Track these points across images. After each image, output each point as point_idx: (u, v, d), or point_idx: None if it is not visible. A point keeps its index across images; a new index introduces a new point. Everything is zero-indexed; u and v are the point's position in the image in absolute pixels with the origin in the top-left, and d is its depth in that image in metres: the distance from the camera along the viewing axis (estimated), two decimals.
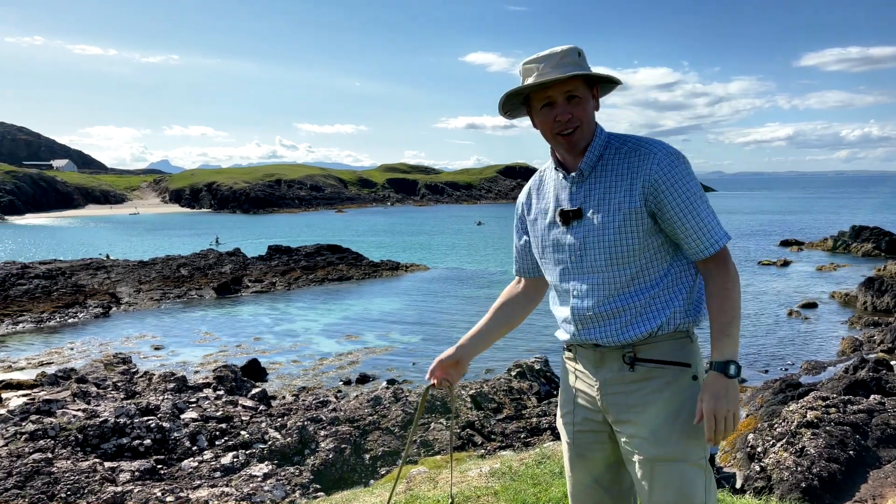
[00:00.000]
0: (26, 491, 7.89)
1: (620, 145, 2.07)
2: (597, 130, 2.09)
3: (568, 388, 2.27)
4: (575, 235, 2.08)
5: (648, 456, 1.99)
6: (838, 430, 7.57)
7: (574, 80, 2.02)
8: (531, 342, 20.67)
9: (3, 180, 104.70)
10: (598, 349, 2.09)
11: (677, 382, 2.01)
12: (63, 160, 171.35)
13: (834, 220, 72.19)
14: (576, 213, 2.08)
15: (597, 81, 2.10)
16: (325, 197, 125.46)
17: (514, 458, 4.97)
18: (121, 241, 59.77)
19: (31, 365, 18.46)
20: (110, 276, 31.55)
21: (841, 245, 41.33)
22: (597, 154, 2.07)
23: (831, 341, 19.86)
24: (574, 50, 2.04)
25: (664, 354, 2.02)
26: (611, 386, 2.07)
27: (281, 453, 9.65)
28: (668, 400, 1.99)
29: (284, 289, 31.73)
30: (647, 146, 2.03)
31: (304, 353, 20.25)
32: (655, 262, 2.04)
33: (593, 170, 2.07)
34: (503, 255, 45.00)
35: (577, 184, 2.10)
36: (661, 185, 1.97)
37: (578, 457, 2.22)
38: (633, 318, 2.02)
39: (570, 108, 2.02)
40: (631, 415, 2.03)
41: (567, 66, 2.01)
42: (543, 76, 2.00)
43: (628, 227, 2.00)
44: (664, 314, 2.02)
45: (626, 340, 2.02)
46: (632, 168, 2.01)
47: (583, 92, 2.04)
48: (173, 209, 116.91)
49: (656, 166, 1.98)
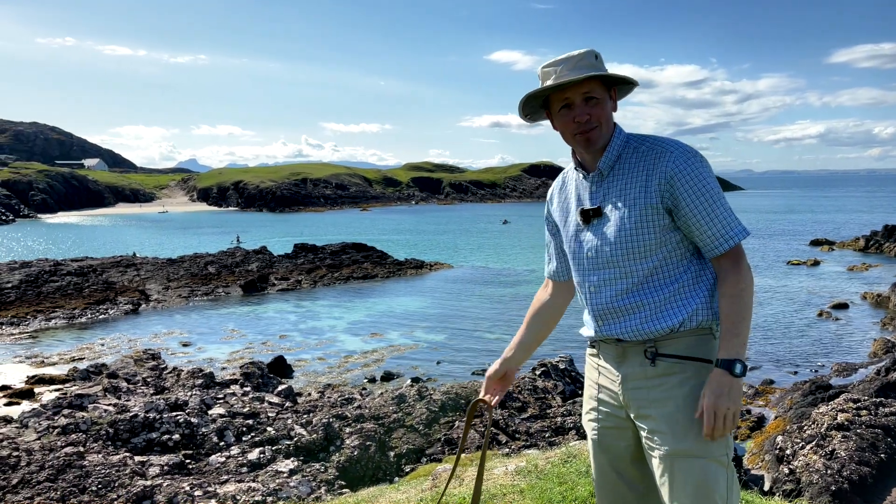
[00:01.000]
0: (58, 484, 8.05)
1: (638, 145, 2.13)
2: (615, 130, 2.15)
3: (591, 385, 2.30)
4: (595, 233, 2.14)
5: (669, 451, 2.01)
6: (869, 433, 7.44)
7: (591, 81, 2.08)
8: (555, 342, 20.59)
9: (36, 179, 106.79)
10: (620, 344, 2.13)
11: (699, 378, 2.02)
12: (94, 159, 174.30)
13: (866, 219, 70.84)
14: (595, 211, 2.14)
15: (614, 83, 2.16)
16: (350, 196, 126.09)
17: (539, 457, 4.96)
18: (148, 240, 60.67)
19: (63, 360, 18.83)
20: (140, 273, 32.05)
21: (873, 245, 40.55)
22: (615, 153, 2.13)
23: (863, 343, 19.51)
24: (591, 53, 2.10)
25: (686, 350, 2.05)
26: (633, 381, 2.10)
27: (306, 450, 9.73)
28: (690, 395, 2.01)
29: (310, 287, 31.97)
30: (664, 145, 2.09)
31: (329, 350, 20.39)
32: (674, 259, 2.08)
33: (612, 169, 2.14)
34: (529, 254, 44.86)
35: (597, 183, 2.16)
36: (676, 181, 2.02)
37: (602, 453, 2.25)
38: (654, 313, 2.06)
39: (588, 109, 2.09)
40: (652, 409, 2.05)
41: (584, 69, 2.06)
42: (561, 78, 2.07)
43: (645, 222, 2.04)
44: (686, 310, 2.05)
45: (648, 335, 2.06)
46: (648, 166, 2.07)
47: (600, 93, 2.10)
48: (201, 207, 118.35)
49: (672, 163, 2.03)
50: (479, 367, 17.92)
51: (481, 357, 19.11)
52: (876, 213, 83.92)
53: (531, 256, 43.87)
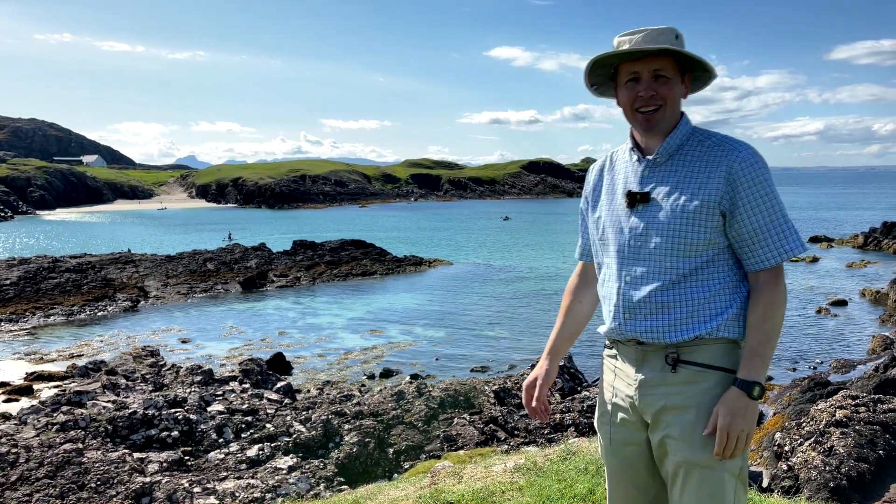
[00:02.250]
0: (57, 481, 8.05)
1: (704, 138, 2.02)
2: (682, 119, 2.05)
3: (607, 388, 2.21)
4: (641, 221, 2.02)
5: (683, 459, 1.95)
6: (868, 430, 7.46)
7: (664, 58, 1.98)
8: None
9: (34, 175, 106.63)
10: (640, 347, 2.04)
11: (720, 388, 1.94)
12: (93, 156, 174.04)
13: (865, 216, 70.87)
14: (643, 196, 2.03)
15: (689, 68, 2.04)
16: (349, 192, 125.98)
17: (538, 454, 4.96)
18: (141, 237, 60.60)
19: (62, 357, 18.82)
20: (138, 270, 32.03)
21: (872, 242, 40.57)
22: (678, 142, 2.03)
23: (861, 339, 19.53)
24: (671, 30, 1.99)
25: (709, 358, 1.96)
26: (650, 386, 2.02)
27: (305, 446, 9.73)
28: (709, 405, 1.93)
29: (309, 283, 31.96)
30: (732, 143, 1.98)
31: (328, 347, 20.39)
32: (716, 264, 1.98)
33: (671, 157, 2.03)
34: (530, 252, 44.85)
35: (651, 168, 2.05)
36: (739, 183, 1.92)
37: (614, 456, 2.18)
38: (684, 316, 1.96)
39: (656, 86, 1.98)
40: (668, 416, 1.98)
41: (660, 44, 1.96)
42: (635, 46, 1.96)
43: (697, 220, 1.94)
44: (717, 319, 1.96)
45: (671, 341, 1.97)
46: (711, 162, 1.96)
47: (671, 73, 1.99)
48: (199, 204, 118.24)
49: (738, 164, 1.93)
50: (478, 363, 17.93)
51: (480, 354, 19.12)
52: (875, 209, 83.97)
53: (531, 253, 43.86)
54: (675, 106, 2.03)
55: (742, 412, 1.86)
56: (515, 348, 19.62)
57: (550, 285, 30.41)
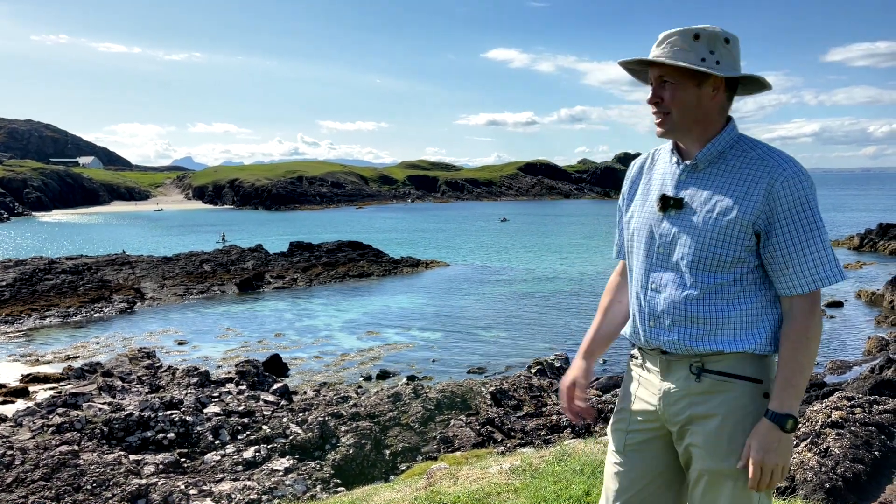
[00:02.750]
0: (53, 483, 8.03)
1: (749, 149, 1.91)
2: (728, 125, 1.95)
3: (627, 395, 2.15)
4: (671, 224, 1.95)
5: (705, 467, 1.92)
6: (863, 431, 7.47)
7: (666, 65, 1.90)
8: (550, 340, 20.64)
9: (30, 177, 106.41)
10: (664, 357, 1.98)
11: (746, 398, 1.89)
12: (89, 157, 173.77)
13: (860, 217, 71.07)
14: (677, 201, 1.95)
15: None
16: (346, 194, 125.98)
17: (534, 456, 4.96)
18: (137, 238, 60.49)
19: (58, 359, 18.78)
20: (135, 271, 31.97)
21: (868, 243, 40.67)
22: (719, 149, 1.93)
23: (857, 341, 19.59)
24: (689, 31, 1.89)
25: (734, 368, 1.90)
26: (675, 396, 1.96)
27: (302, 448, 9.72)
28: (733, 415, 1.89)
29: (306, 285, 31.93)
30: (777, 158, 1.86)
31: (324, 348, 20.38)
32: (747, 282, 1.90)
33: (711, 165, 1.94)
34: (528, 253, 44.90)
35: (688, 173, 1.97)
36: (778, 202, 1.82)
37: (625, 464, 2.11)
38: (708, 333, 1.90)
39: (661, 93, 1.92)
40: (693, 426, 1.93)
41: (673, 50, 1.88)
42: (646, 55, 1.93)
43: (729, 235, 1.85)
44: (743, 342, 1.89)
45: (694, 350, 1.91)
46: (753, 176, 1.86)
47: (676, 78, 1.89)
48: (196, 206, 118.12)
49: (780, 183, 1.82)
50: (475, 365, 17.93)
51: (477, 355, 19.12)
52: (871, 211, 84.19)
53: (529, 255, 43.90)
54: (686, 113, 1.91)
55: (775, 446, 1.80)
56: (512, 350, 19.63)
57: (547, 287, 30.42)
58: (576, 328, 21.71)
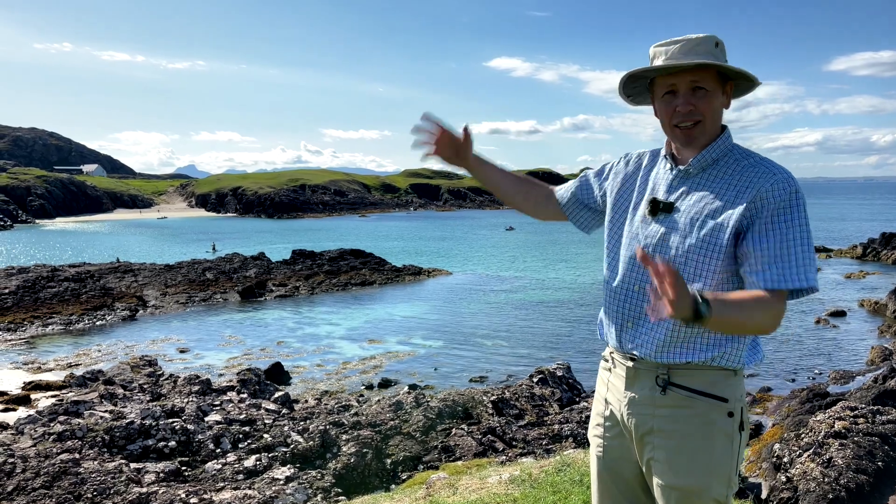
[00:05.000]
0: (53, 491, 8.02)
1: (742, 157, 1.91)
2: (724, 133, 1.95)
3: (599, 401, 2.17)
4: (659, 227, 1.94)
5: (667, 483, 1.92)
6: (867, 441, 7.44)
7: (702, 70, 1.86)
8: (553, 349, 20.61)
9: (34, 185, 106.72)
10: (633, 364, 1.99)
11: (710, 416, 1.88)
12: (93, 165, 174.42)
13: (863, 226, 70.95)
14: (667, 206, 1.94)
15: (730, 77, 1.93)
16: (348, 202, 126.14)
17: (534, 466, 4.95)
18: (136, 246, 60.55)
19: (60, 366, 18.78)
20: (137, 279, 32.01)
21: (871, 252, 40.60)
22: (714, 156, 1.92)
23: (860, 350, 19.52)
24: (711, 39, 1.88)
25: (701, 385, 1.89)
26: (639, 405, 1.97)
27: (303, 457, 9.70)
28: (697, 432, 1.88)
29: (308, 293, 31.94)
30: (769, 167, 1.86)
31: (326, 357, 20.36)
32: (726, 290, 1.87)
33: (703, 171, 1.93)
34: (535, 262, 44.81)
35: (681, 178, 1.96)
36: (764, 206, 1.79)
37: (606, 471, 2.13)
38: (682, 339, 1.89)
39: (694, 100, 1.88)
40: (655, 438, 1.94)
41: (699, 55, 1.86)
42: (670, 60, 1.87)
43: (714, 239, 1.84)
44: (715, 350, 1.87)
45: (663, 361, 1.91)
46: (744, 183, 1.85)
47: (711, 85, 1.88)
48: (199, 214, 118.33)
49: (769, 184, 1.81)
50: (477, 374, 17.90)
51: (479, 364, 19.08)
52: (873, 220, 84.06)
53: (536, 265, 43.84)
54: (716, 119, 1.92)
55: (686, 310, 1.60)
56: (514, 359, 19.60)
57: (551, 296, 30.39)
58: (579, 338, 21.67)
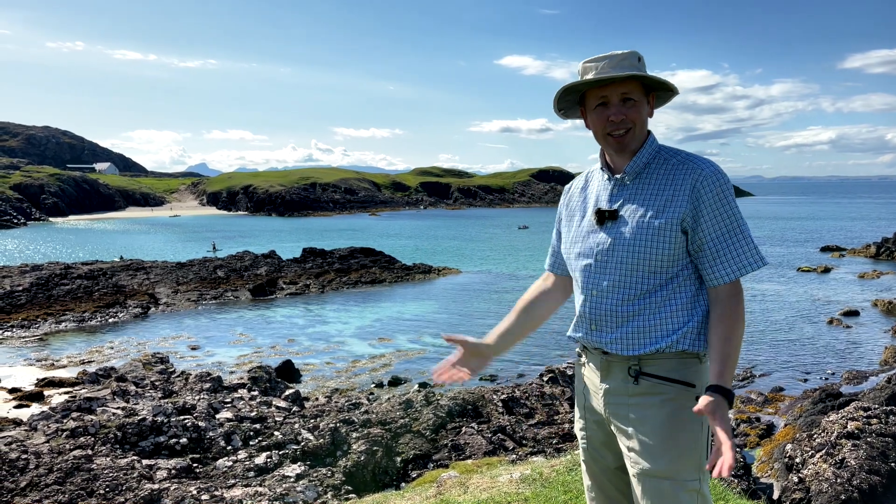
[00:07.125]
0: (66, 487, 8.08)
1: (669, 157, 2.09)
2: (649, 138, 2.12)
3: (579, 394, 2.31)
4: (608, 236, 2.09)
5: (642, 470, 2.02)
6: (880, 442, 7.38)
7: (631, 82, 2.05)
8: (564, 348, 20.55)
9: (47, 183, 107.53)
10: (605, 357, 2.12)
11: (679, 401, 2.01)
12: (105, 163, 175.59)
13: (877, 226, 70.37)
14: (612, 213, 2.10)
15: (654, 88, 2.12)
16: (359, 200, 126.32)
17: (545, 465, 4.94)
18: (146, 244, 60.86)
19: (73, 363, 18.93)
20: (149, 277, 32.19)
21: (884, 252, 40.26)
22: (644, 160, 2.10)
23: (873, 350, 19.35)
24: (634, 54, 2.06)
25: (670, 371, 2.03)
26: (614, 396, 2.10)
27: (313, 454, 9.73)
28: (668, 417, 2.00)
29: (318, 291, 32.02)
30: (695, 161, 2.04)
31: (337, 355, 20.41)
32: (678, 280, 2.04)
33: (638, 175, 2.10)
34: (541, 261, 44.74)
35: (620, 186, 2.12)
36: (701, 201, 1.98)
37: (592, 461, 2.26)
38: (646, 330, 2.03)
39: (625, 110, 2.05)
40: (630, 427, 2.05)
41: (626, 68, 2.03)
42: (602, 74, 2.03)
43: (661, 237, 2.01)
44: (677, 333, 2.02)
45: (633, 354, 2.04)
46: (676, 180, 2.03)
47: (638, 96, 2.06)
48: (210, 211, 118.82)
49: (702, 181, 1.99)
50: (487, 372, 17.88)
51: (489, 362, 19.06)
52: (888, 220, 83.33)
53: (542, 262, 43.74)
54: (643, 126, 2.09)
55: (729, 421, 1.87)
56: (524, 357, 19.57)
57: None
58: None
